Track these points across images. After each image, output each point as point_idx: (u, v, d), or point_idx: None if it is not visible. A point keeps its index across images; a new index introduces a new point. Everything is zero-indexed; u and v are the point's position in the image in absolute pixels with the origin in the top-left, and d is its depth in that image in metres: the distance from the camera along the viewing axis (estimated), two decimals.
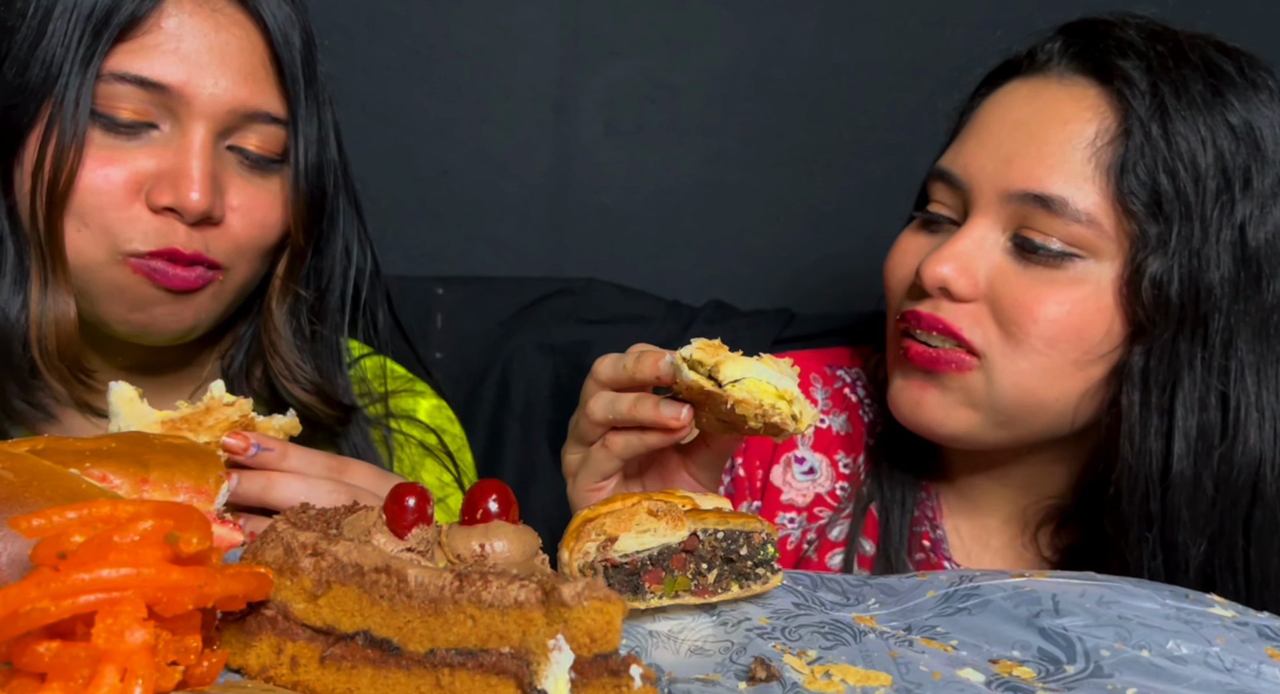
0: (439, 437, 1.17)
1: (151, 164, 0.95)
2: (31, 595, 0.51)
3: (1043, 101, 1.04)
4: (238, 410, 0.87)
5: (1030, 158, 1.02)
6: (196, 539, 0.55)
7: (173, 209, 0.95)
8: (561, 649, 0.54)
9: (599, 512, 0.72)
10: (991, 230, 1.04)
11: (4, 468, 0.63)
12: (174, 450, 0.79)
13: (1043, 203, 1.00)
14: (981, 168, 1.04)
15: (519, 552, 0.60)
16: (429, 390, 1.22)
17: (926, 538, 1.17)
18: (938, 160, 1.11)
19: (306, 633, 0.60)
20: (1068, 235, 1.00)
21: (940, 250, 1.04)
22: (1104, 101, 1.02)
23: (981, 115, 1.08)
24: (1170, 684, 0.65)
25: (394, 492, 0.62)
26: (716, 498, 0.77)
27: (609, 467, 0.87)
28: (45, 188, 0.93)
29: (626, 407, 0.83)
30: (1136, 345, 1.01)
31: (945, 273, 1.03)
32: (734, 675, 0.65)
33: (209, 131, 0.96)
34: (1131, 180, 0.99)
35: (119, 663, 0.52)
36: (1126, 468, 1.01)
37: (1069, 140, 1.01)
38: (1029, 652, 0.70)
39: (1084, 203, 1.00)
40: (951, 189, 1.07)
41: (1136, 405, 1.01)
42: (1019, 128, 1.04)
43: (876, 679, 0.64)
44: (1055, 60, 1.06)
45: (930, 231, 1.10)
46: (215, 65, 0.96)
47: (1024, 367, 1.02)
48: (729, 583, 0.73)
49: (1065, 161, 1.01)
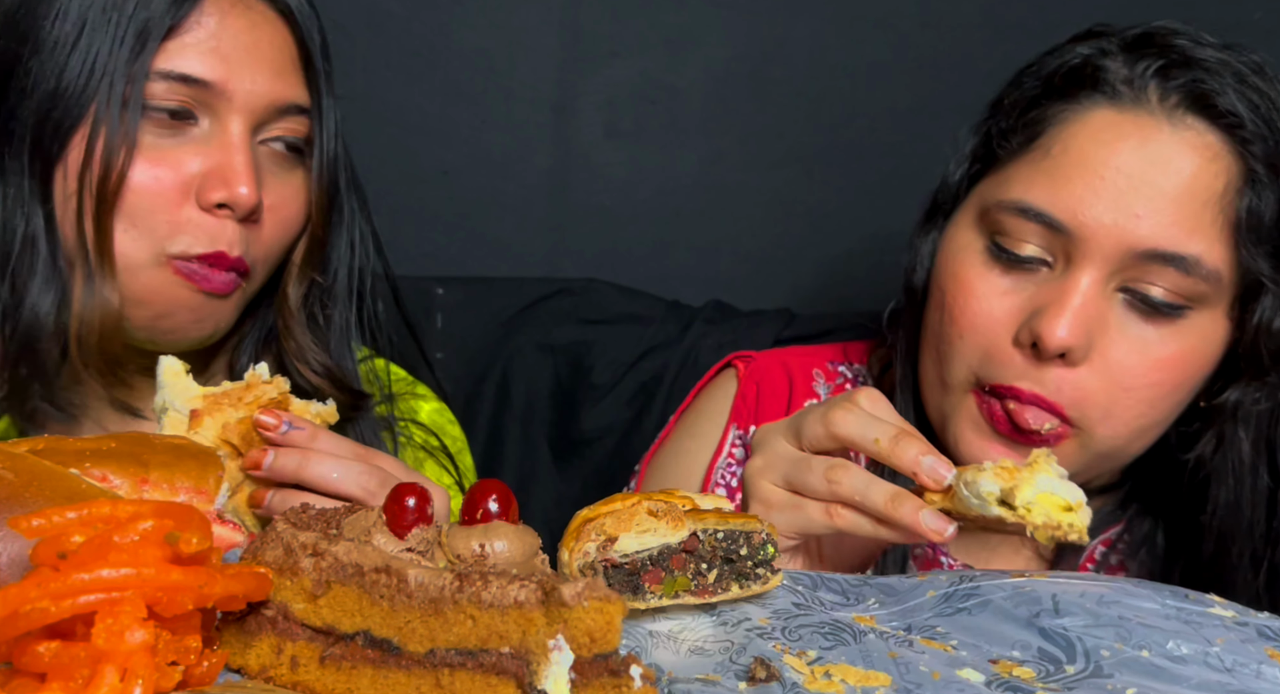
0: (440, 439, 1.18)
1: (197, 163, 0.97)
2: (31, 595, 0.51)
3: (1158, 147, 0.98)
4: (275, 388, 0.89)
5: (1162, 215, 0.96)
6: (196, 539, 0.55)
7: (224, 205, 0.97)
8: (561, 649, 0.54)
9: (599, 512, 0.72)
10: (1102, 284, 0.98)
11: (4, 468, 0.63)
12: (174, 450, 0.79)
13: (1172, 262, 0.96)
14: (1099, 219, 0.96)
15: (519, 552, 0.60)
16: (430, 393, 1.23)
17: None
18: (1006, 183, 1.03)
19: (306, 633, 0.60)
20: (1190, 291, 0.97)
21: (1057, 310, 0.96)
22: (1225, 150, 0.98)
23: (1073, 148, 1.00)
24: (1170, 684, 0.65)
25: (394, 492, 0.62)
26: (717, 498, 0.77)
27: (821, 532, 0.85)
28: (94, 187, 0.94)
29: (883, 502, 0.80)
30: (1244, 388, 1.01)
31: (1068, 339, 0.96)
32: (734, 675, 0.65)
33: (246, 127, 0.99)
34: (1261, 232, 0.97)
35: (119, 663, 0.52)
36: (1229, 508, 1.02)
37: (1198, 194, 0.97)
38: (1029, 652, 0.70)
39: (1213, 259, 0.97)
40: (1050, 232, 0.98)
41: (1245, 446, 1.01)
42: (1138, 177, 0.97)
43: (876, 679, 0.64)
44: (1155, 92, 0.99)
45: (1008, 270, 1.01)
46: (252, 61, 0.99)
47: (1122, 430, 1.00)
48: (729, 583, 0.73)
49: (1197, 217, 0.96)
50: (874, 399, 0.86)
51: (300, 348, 1.08)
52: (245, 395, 0.88)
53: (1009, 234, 1.01)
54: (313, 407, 0.91)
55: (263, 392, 0.89)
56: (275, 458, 0.86)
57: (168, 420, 0.88)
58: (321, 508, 0.65)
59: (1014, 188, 1.02)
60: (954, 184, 1.11)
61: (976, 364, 1.02)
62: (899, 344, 1.14)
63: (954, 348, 1.03)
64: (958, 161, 1.11)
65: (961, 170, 1.10)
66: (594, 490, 1.47)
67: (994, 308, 1.01)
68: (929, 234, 1.11)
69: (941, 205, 1.12)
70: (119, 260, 0.96)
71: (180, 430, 0.87)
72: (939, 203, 1.12)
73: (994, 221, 1.02)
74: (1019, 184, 1.01)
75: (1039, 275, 1.00)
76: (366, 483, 0.86)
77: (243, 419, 0.87)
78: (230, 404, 0.88)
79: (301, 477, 0.86)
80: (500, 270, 1.68)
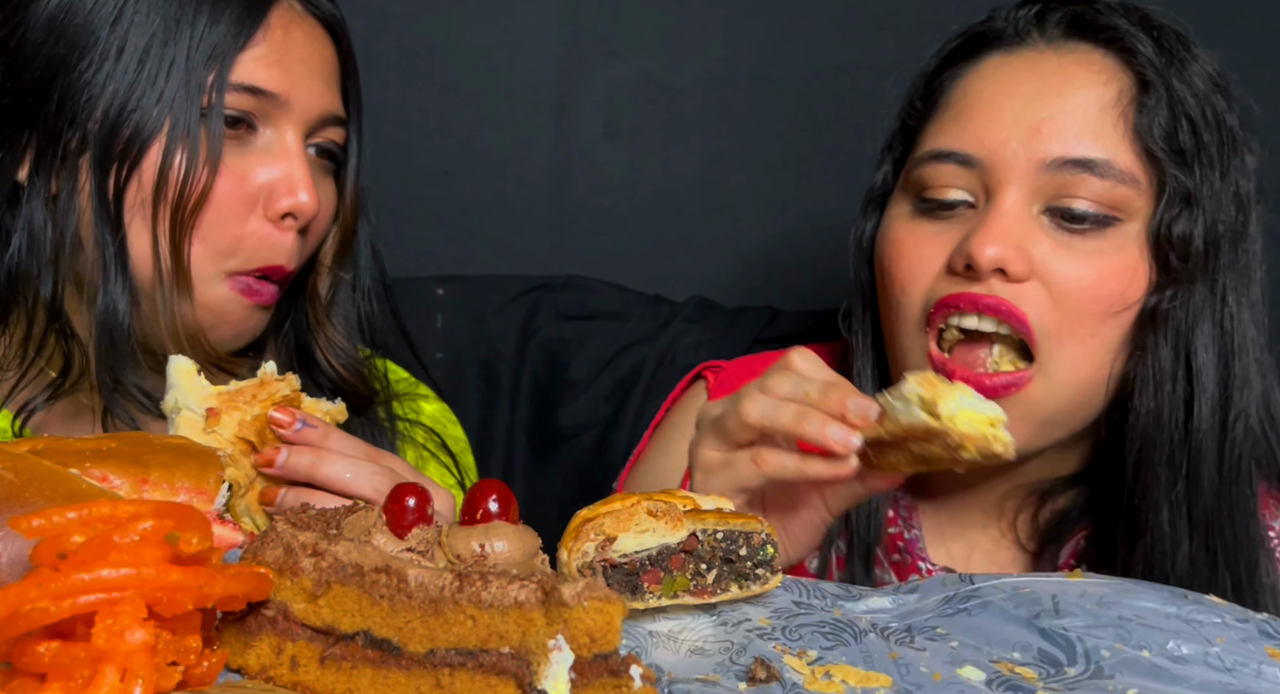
0: (441, 439, 1.18)
1: (262, 173, 0.99)
2: (31, 595, 0.51)
3: (1049, 70, 1.03)
4: (288, 385, 0.90)
5: (1062, 124, 1.00)
6: (196, 539, 0.55)
7: (289, 214, 1.00)
8: (561, 649, 0.54)
9: (598, 511, 0.72)
10: (1025, 204, 1.01)
11: (4, 468, 0.63)
12: (174, 450, 0.79)
13: (1086, 166, 0.99)
14: (1004, 141, 1.01)
15: (519, 552, 0.60)
16: (432, 394, 1.23)
17: (900, 538, 1.15)
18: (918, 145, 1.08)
19: (306, 633, 0.60)
20: (1109, 198, 0.99)
21: (984, 230, 0.99)
22: (1113, 63, 1.02)
23: (971, 91, 1.06)
24: (1171, 684, 0.65)
25: (394, 492, 0.62)
26: (717, 498, 0.77)
27: (753, 482, 0.84)
28: (173, 202, 0.95)
29: (789, 418, 0.80)
30: (1157, 292, 1.01)
31: (999, 253, 0.98)
32: (734, 676, 0.65)
33: (300, 135, 1.02)
34: (1159, 135, 1.00)
35: (119, 663, 0.52)
36: (1151, 416, 1.02)
37: (1094, 103, 1.01)
38: (1029, 653, 0.70)
39: (1124, 162, 1.00)
40: (964, 168, 1.03)
41: (1164, 351, 1.01)
42: (1034, 98, 1.02)
43: (877, 680, 0.64)
44: (1036, 31, 1.06)
45: (936, 218, 1.05)
46: (309, 73, 1.02)
47: (1078, 352, 1.01)
48: (728, 583, 0.73)
49: (1098, 124, 1.00)
50: (806, 357, 0.86)
51: (331, 343, 1.11)
52: (259, 393, 0.89)
53: (930, 185, 1.05)
54: (322, 404, 0.92)
55: (275, 389, 0.89)
56: (289, 456, 0.87)
57: (181, 421, 0.88)
58: (322, 508, 0.65)
59: (926, 143, 1.07)
60: (880, 178, 1.14)
61: (922, 307, 1.04)
62: (855, 340, 1.15)
63: (899, 304, 1.06)
64: (881, 156, 1.15)
65: (887, 162, 1.14)
66: (572, 486, 1.48)
67: (924, 252, 1.04)
68: (865, 226, 1.15)
69: (874, 200, 1.15)
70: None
71: (195, 430, 0.87)
72: (870, 198, 1.15)
73: (916, 180, 1.06)
74: (930, 138, 1.07)
75: (965, 216, 1.03)
76: (378, 483, 0.87)
77: (258, 416, 0.88)
78: (245, 402, 0.88)
79: (315, 476, 0.87)
80: (500, 270, 1.68)
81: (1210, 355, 1.02)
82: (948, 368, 1.01)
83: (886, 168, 1.15)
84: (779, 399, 0.82)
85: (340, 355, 1.11)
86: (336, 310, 1.12)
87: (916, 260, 1.05)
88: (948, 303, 1.01)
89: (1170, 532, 1.02)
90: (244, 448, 0.88)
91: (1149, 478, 1.03)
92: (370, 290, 1.15)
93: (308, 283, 1.11)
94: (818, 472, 0.80)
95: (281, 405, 0.89)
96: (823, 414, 0.79)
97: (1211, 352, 1.02)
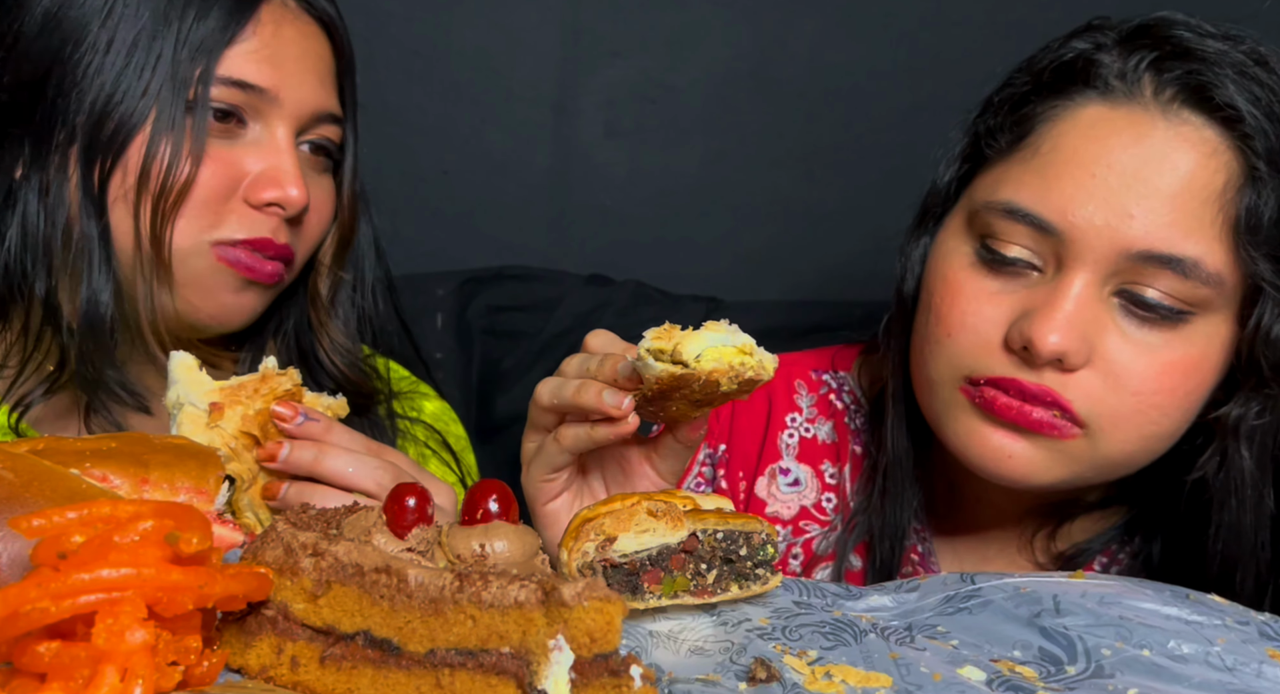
0: (443, 437, 1.18)
1: (247, 163, 1.00)
2: (31, 595, 0.51)
3: (1153, 144, 0.93)
4: (289, 380, 0.91)
5: (1158, 215, 0.91)
6: (196, 539, 0.55)
7: (274, 204, 1.00)
8: (561, 649, 0.54)
9: (598, 512, 0.72)
10: (1096, 287, 0.94)
11: (4, 468, 0.63)
12: (174, 450, 0.79)
13: (1169, 264, 0.91)
14: (1089, 218, 0.92)
15: (519, 552, 0.60)
16: (433, 392, 1.24)
17: (915, 551, 1.14)
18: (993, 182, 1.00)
19: (306, 633, 0.60)
20: (1190, 295, 0.93)
21: (1048, 315, 0.93)
22: (1224, 146, 0.93)
23: (1063, 146, 0.96)
24: (1171, 684, 0.65)
25: (394, 492, 0.62)
26: (718, 498, 0.77)
27: (559, 459, 0.86)
28: (155, 193, 0.96)
29: (570, 392, 0.82)
30: (1244, 402, 0.97)
31: (1061, 344, 0.92)
32: (734, 676, 0.65)
33: (291, 130, 1.02)
34: (1261, 233, 0.92)
35: (119, 663, 0.52)
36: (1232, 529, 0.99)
37: (1196, 193, 0.92)
38: (1030, 652, 0.70)
39: (1213, 262, 0.92)
40: (1039, 234, 0.95)
41: (1247, 463, 0.97)
42: (1131, 175, 0.92)
43: (877, 680, 0.64)
44: (1149, 86, 0.95)
45: (999, 273, 0.98)
46: (301, 70, 1.02)
47: (1132, 435, 0.96)
48: (728, 583, 0.73)
49: (1195, 217, 0.92)
50: (600, 335, 0.87)
51: (333, 343, 1.11)
52: (261, 387, 0.89)
53: (998, 236, 0.98)
54: (324, 399, 0.92)
55: (277, 384, 0.90)
56: (291, 450, 0.87)
57: (184, 416, 0.88)
58: (322, 508, 0.65)
59: (1002, 188, 0.98)
60: (943, 187, 1.07)
61: (966, 363, 0.98)
62: (890, 356, 1.11)
63: (941, 347, 1.00)
64: (947, 163, 1.08)
65: (951, 172, 1.07)
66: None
67: (983, 307, 0.98)
68: (919, 240, 1.08)
69: (931, 210, 1.08)
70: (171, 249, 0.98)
71: (198, 425, 0.88)
72: (929, 208, 1.08)
73: (983, 224, 0.99)
74: (1008, 185, 0.98)
75: (1029, 279, 0.97)
76: (380, 478, 0.87)
77: (260, 411, 0.89)
78: (247, 396, 0.89)
79: (317, 470, 0.87)
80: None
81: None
82: (986, 396, 0.96)
83: (950, 180, 1.07)
84: (569, 378, 0.84)
85: (342, 355, 1.11)
86: (338, 310, 1.13)
87: (971, 314, 0.98)
88: (996, 383, 0.96)
89: None
90: (247, 442, 0.88)
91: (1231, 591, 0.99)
92: (374, 290, 1.16)
93: (308, 283, 1.11)
94: (604, 434, 0.82)
95: (284, 400, 0.89)
96: (600, 383, 0.81)
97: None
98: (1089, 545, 1.11)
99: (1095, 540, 1.11)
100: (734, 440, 1.21)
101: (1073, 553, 1.11)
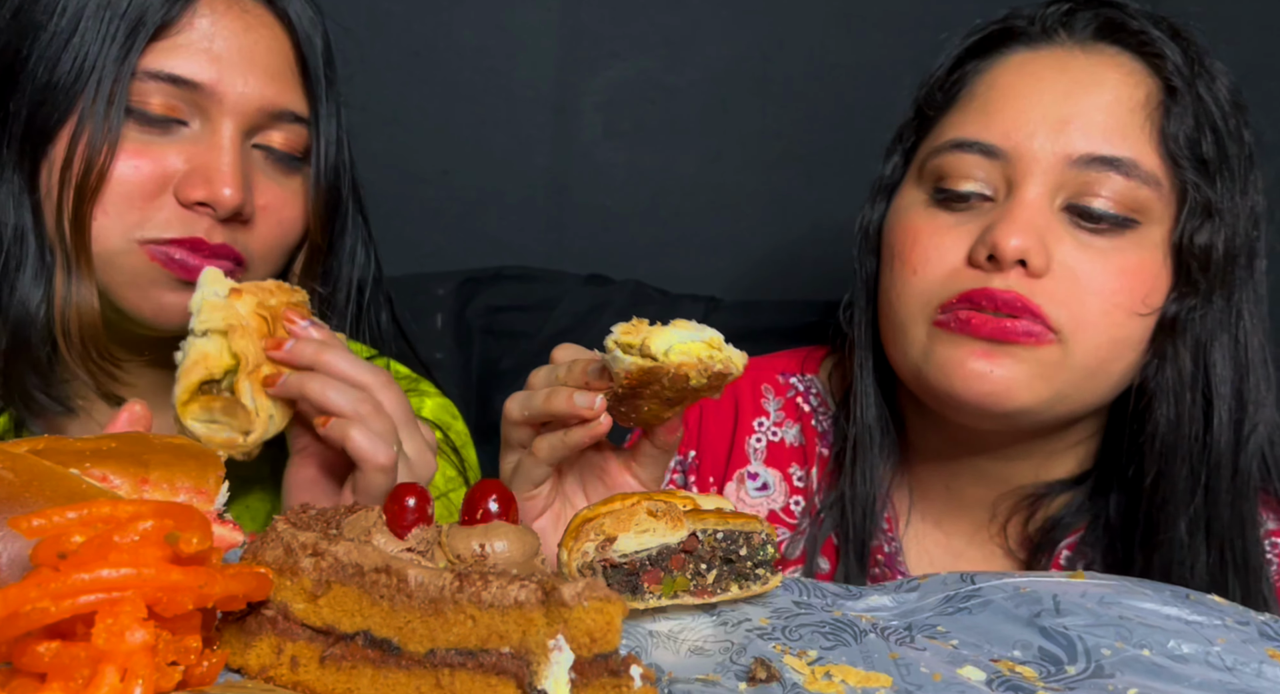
0: (445, 433, 1.18)
1: (181, 160, 0.97)
2: (31, 595, 0.51)
3: (1077, 70, 1.03)
4: (300, 296, 0.95)
5: (1091, 121, 1.00)
6: (196, 539, 0.55)
7: (204, 204, 0.97)
8: (561, 649, 0.54)
9: (598, 512, 0.72)
10: (1047, 199, 1.00)
11: (4, 468, 0.63)
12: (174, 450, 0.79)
13: (1111, 165, 0.99)
14: (1031, 134, 1.00)
15: (519, 552, 0.60)
16: (434, 389, 1.23)
17: (880, 552, 1.15)
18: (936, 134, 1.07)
19: (306, 633, 0.60)
20: (1131, 200, 0.99)
21: (1008, 221, 0.98)
22: (1141, 67, 1.03)
23: (999, 84, 1.05)
24: (1171, 684, 0.65)
25: (394, 492, 0.62)
26: (718, 498, 0.77)
27: (537, 472, 0.86)
28: (75, 183, 0.94)
29: (540, 400, 0.83)
30: (1177, 302, 1.02)
31: (1022, 243, 0.97)
32: (734, 676, 0.65)
33: (237, 129, 0.99)
34: (1183, 142, 1.00)
35: (119, 663, 0.52)
36: (1171, 426, 1.03)
37: (1123, 103, 1.01)
38: (1030, 651, 0.70)
39: (1148, 164, 1.00)
40: (987, 159, 1.02)
41: (1184, 359, 1.02)
42: (1064, 95, 1.01)
43: (877, 680, 0.64)
44: (1063, 31, 1.06)
45: (953, 209, 1.04)
46: (245, 64, 0.99)
47: (1100, 340, 1.00)
48: (728, 583, 0.73)
49: (1126, 124, 1.00)
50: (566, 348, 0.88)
51: None
52: (277, 292, 0.93)
53: (949, 175, 1.04)
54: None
55: (294, 296, 0.94)
56: (294, 346, 0.90)
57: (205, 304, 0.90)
58: (322, 508, 0.66)
59: (947, 132, 1.06)
60: (890, 168, 1.14)
61: (935, 292, 1.02)
62: (856, 332, 1.14)
63: (909, 285, 1.04)
64: (891, 146, 1.15)
65: (897, 152, 1.14)
66: None
67: (943, 240, 1.03)
68: (873, 215, 1.14)
69: (884, 189, 1.14)
70: (96, 245, 0.96)
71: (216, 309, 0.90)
72: (880, 188, 1.14)
73: (933, 170, 1.06)
74: (951, 127, 1.06)
75: (983, 210, 1.02)
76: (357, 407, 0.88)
77: (273, 307, 0.92)
78: (266, 292, 0.93)
79: (318, 360, 0.89)
80: None
81: (1227, 369, 1.03)
82: (962, 317, 1.00)
83: (897, 158, 1.14)
84: (536, 390, 0.85)
85: None
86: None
87: (933, 247, 1.03)
88: (968, 297, 1.00)
89: (1189, 541, 1.03)
90: (259, 325, 0.91)
91: (1168, 488, 1.04)
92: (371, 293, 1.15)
93: None
94: (578, 436, 0.83)
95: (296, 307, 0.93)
96: (569, 388, 0.82)
97: (1228, 365, 1.03)
98: (1059, 517, 1.11)
99: (1065, 512, 1.11)
100: (703, 446, 1.22)
101: (1044, 530, 1.11)
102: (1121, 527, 1.09)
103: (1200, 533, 1.03)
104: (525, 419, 0.85)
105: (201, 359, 0.89)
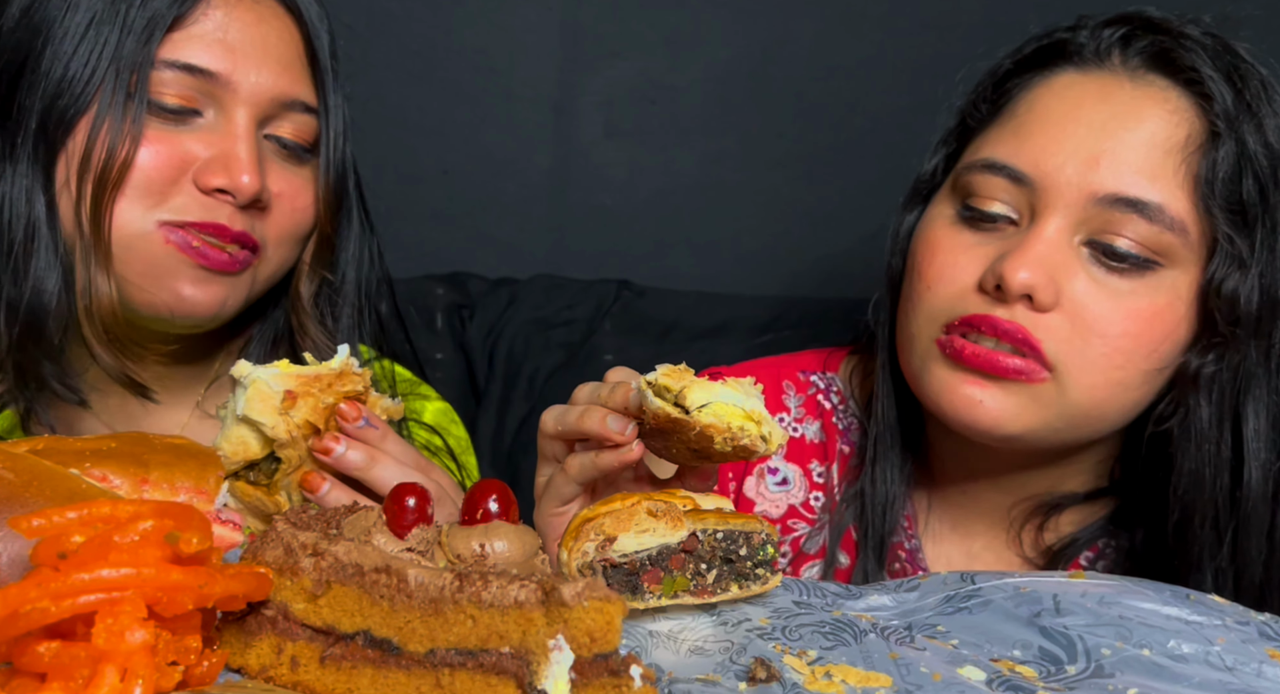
0: (444, 438, 1.18)
1: (199, 149, 0.98)
2: (31, 595, 0.51)
3: (1120, 102, 1.00)
4: (361, 381, 0.90)
5: (1121, 160, 0.97)
6: (196, 539, 0.55)
7: (223, 191, 0.98)
8: (561, 649, 0.54)
9: (598, 511, 0.72)
10: (1067, 233, 0.98)
11: (4, 468, 0.63)
12: (174, 450, 0.79)
13: (1135, 208, 0.96)
14: (1060, 167, 0.98)
15: (519, 552, 0.60)
16: (434, 393, 1.23)
17: (901, 548, 1.15)
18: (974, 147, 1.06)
19: (306, 633, 0.60)
20: (1155, 243, 0.97)
21: (1020, 253, 0.97)
22: (1188, 105, 0.99)
23: (1038, 107, 1.03)
24: (1171, 683, 0.65)
25: (394, 492, 0.62)
26: (717, 498, 0.77)
27: (568, 490, 0.85)
28: (96, 174, 0.95)
29: (575, 418, 0.82)
30: (1201, 352, 0.99)
31: (1030, 279, 0.96)
32: (734, 676, 0.65)
33: (251, 119, 1.00)
34: (1221, 188, 0.97)
35: (119, 663, 0.52)
36: (1191, 478, 1.01)
37: (1159, 144, 0.98)
38: (1030, 651, 0.70)
39: (1177, 209, 0.97)
40: (1015, 185, 1.00)
41: (1206, 412, 1.00)
42: (1099, 128, 0.99)
43: (877, 680, 0.64)
44: (1118, 55, 1.03)
45: (977, 228, 1.03)
46: (258, 55, 1.00)
47: (1099, 380, 0.98)
48: (728, 583, 0.73)
49: (1158, 166, 0.97)
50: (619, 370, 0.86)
51: (318, 347, 1.09)
52: (335, 383, 0.89)
53: (977, 194, 1.03)
54: (383, 401, 0.92)
55: (351, 382, 0.89)
56: (346, 450, 0.87)
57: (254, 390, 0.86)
58: (322, 508, 0.65)
59: (982, 149, 1.05)
60: (932, 168, 1.12)
61: (942, 309, 1.02)
62: (879, 332, 1.14)
63: (922, 300, 1.04)
64: (936, 145, 1.13)
65: (940, 154, 1.12)
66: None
67: (959, 260, 1.02)
68: (908, 216, 1.13)
69: (920, 189, 1.13)
70: (115, 234, 0.97)
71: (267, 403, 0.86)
72: (918, 188, 1.13)
73: (965, 185, 1.04)
74: (987, 145, 1.05)
75: (1005, 233, 1.01)
76: None
77: (328, 406, 0.88)
78: (320, 390, 0.88)
79: (366, 474, 0.88)
80: (501, 270, 1.69)
81: (1263, 422, 1.00)
82: (955, 345, 1.00)
83: (938, 162, 1.13)
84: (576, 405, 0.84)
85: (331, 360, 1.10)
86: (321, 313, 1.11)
87: (949, 265, 1.03)
88: (970, 322, 0.99)
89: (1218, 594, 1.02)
90: (307, 431, 0.88)
91: (1190, 538, 1.03)
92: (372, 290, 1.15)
93: (291, 285, 1.10)
94: (608, 461, 0.81)
95: (351, 399, 0.89)
96: (605, 409, 0.81)
97: (1263, 418, 1.00)
98: (1077, 536, 1.11)
99: (1083, 532, 1.12)
100: None
101: (1060, 545, 1.12)
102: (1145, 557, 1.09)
103: (1229, 588, 1.02)
104: (559, 433, 0.84)
105: (242, 447, 0.87)
